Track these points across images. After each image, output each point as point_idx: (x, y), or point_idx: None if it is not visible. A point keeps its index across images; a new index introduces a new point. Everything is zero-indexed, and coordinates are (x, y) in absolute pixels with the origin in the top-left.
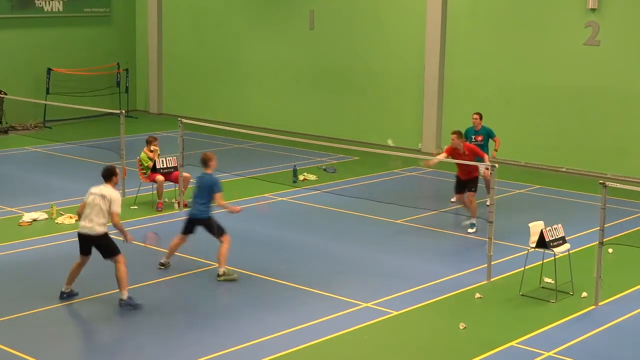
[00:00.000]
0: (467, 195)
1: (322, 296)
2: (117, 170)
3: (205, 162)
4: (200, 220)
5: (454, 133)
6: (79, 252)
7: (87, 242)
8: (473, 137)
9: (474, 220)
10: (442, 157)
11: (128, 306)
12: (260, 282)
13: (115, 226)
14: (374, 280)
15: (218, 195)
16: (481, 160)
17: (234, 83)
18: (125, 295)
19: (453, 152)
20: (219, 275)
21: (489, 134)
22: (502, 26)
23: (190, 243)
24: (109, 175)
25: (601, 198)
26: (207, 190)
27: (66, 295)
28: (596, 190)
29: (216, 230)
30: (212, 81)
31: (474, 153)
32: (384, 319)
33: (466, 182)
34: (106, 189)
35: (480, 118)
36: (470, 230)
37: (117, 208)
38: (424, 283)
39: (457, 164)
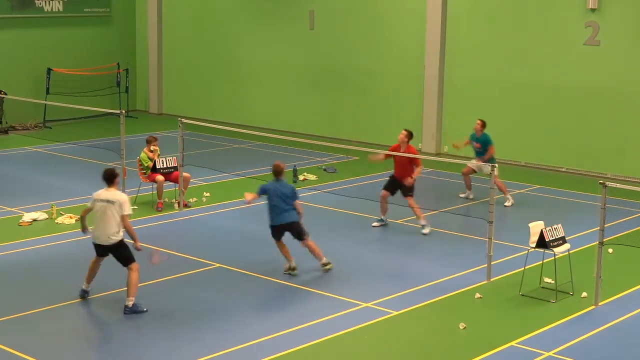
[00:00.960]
0: (407, 200)
1: (322, 296)
2: (118, 171)
3: (280, 172)
4: (294, 224)
5: (405, 131)
6: (95, 253)
7: (103, 249)
8: (474, 143)
9: (423, 222)
10: (381, 156)
11: (133, 313)
12: (260, 282)
13: (127, 229)
14: (374, 280)
15: (298, 203)
16: (412, 168)
17: (234, 83)
18: (131, 303)
19: (396, 149)
20: (324, 265)
21: (486, 143)
22: (502, 26)
23: (190, 243)
24: (111, 178)
25: (601, 198)
26: (291, 196)
27: (86, 294)
28: (596, 190)
29: (304, 232)
30: (212, 81)
31: (411, 157)
32: (384, 319)
33: (401, 186)
34: (111, 193)
35: (483, 126)
36: (424, 232)
37: (127, 210)
38: (424, 283)
39: (395, 163)
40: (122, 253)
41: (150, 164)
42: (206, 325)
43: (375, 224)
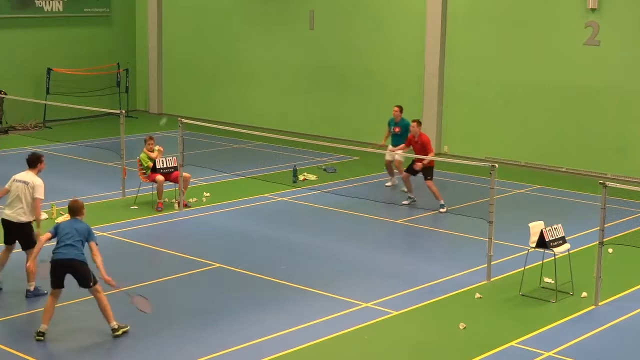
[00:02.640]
0: (426, 183)
1: (322, 296)
2: (43, 158)
3: (76, 211)
4: (76, 262)
5: (414, 121)
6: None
7: (10, 230)
8: (393, 127)
9: (442, 202)
10: (402, 150)
11: (35, 297)
12: (260, 282)
13: (35, 211)
14: (374, 280)
15: (95, 245)
16: (426, 152)
17: (234, 83)
18: (32, 287)
19: (411, 139)
20: (115, 331)
21: (405, 127)
22: (502, 26)
23: (190, 243)
24: (34, 162)
25: (601, 198)
26: (83, 235)
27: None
28: (596, 190)
29: (92, 277)
30: (212, 81)
31: (423, 144)
32: (384, 319)
33: (421, 169)
34: (28, 176)
35: (401, 111)
36: (442, 210)
37: (39, 194)
38: (424, 283)
39: (415, 150)
40: (26, 236)
41: (150, 164)
42: (206, 325)
43: (404, 202)
